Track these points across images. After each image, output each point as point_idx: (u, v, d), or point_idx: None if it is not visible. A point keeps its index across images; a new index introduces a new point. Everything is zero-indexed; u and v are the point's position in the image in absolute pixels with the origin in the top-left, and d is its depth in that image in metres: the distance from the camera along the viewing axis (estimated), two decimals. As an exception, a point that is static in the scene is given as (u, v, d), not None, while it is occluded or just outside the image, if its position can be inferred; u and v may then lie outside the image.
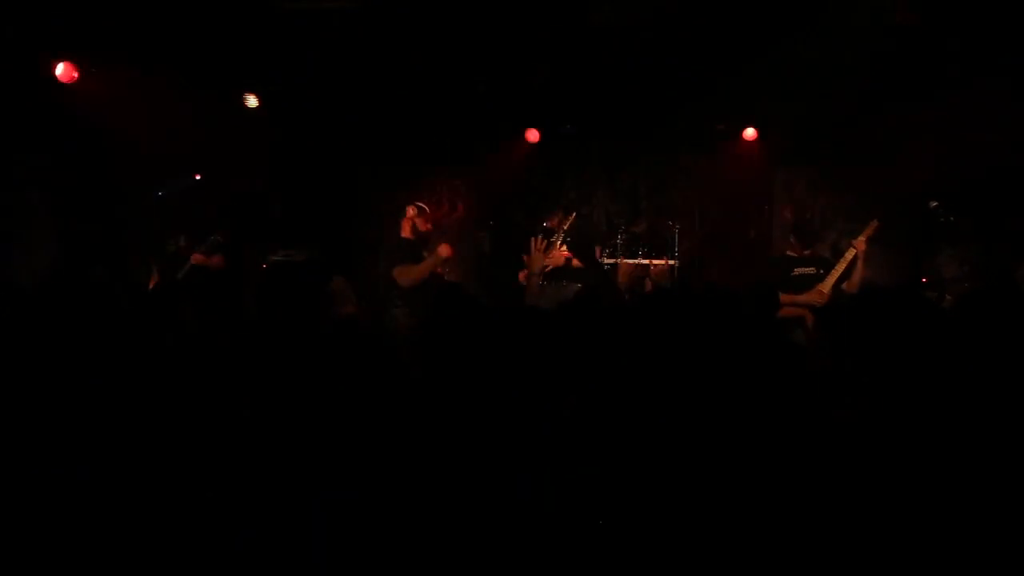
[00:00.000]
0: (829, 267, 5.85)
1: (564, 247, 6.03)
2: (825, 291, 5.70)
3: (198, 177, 7.21)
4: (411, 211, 5.71)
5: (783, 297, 5.71)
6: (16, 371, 2.28)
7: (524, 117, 8.12)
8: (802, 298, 5.63)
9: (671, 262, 7.43)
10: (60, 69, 6.35)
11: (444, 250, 5.49)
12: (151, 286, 6.05)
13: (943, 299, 6.10)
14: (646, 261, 7.79)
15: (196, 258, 6.16)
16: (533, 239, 4.65)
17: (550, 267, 5.78)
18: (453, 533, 1.82)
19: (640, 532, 1.85)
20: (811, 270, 5.91)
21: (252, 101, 7.30)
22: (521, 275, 5.78)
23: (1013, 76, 6.20)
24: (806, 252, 6.03)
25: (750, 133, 7.98)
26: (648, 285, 7.47)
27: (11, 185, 6.49)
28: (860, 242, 5.78)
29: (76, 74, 6.41)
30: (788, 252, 6.19)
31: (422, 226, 5.66)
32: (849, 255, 5.77)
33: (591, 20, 6.27)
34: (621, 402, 2.33)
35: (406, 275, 5.42)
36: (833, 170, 8.08)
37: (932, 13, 5.80)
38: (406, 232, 5.72)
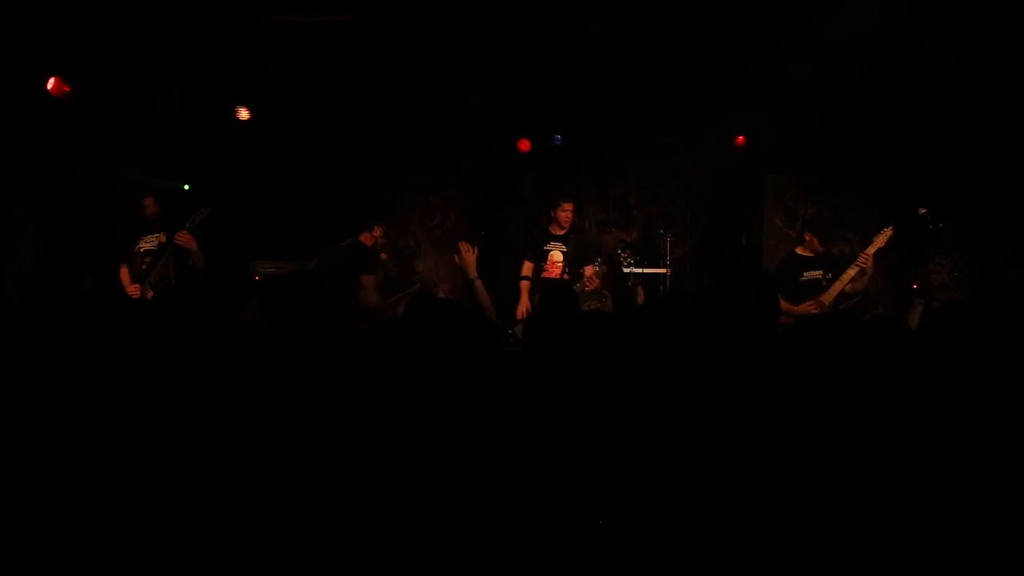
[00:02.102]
0: (837, 271, 5.57)
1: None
2: (826, 302, 5.47)
3: (187, 187, 7.22)
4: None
5: (784, 306, 5.64)
6: (5, 383, 2.28)
7: (515, 127, 8.15)
8: (799, 308, 5.47)
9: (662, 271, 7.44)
10: (51, 83, 6.37)
11: None
12: (126, 286, 5.96)
13: (932, 305, 6.12)
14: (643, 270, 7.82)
15: (182, 237, 5.91)
16: None
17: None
18: (449, 535, 1.83)
19: (639, 534, 1.86)
20: (818, 274, 5.65)
21: (244, 114, 7.31)
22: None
23: (1001, 82, 6.24)
24: (820, 250, 5.76)
25: (740, 140, 8.01)
26: (640, 293, 7.50)
27: (1, 201, 6.50)
28: (868, 256, 5.45)
29: (67, 88, 6.43)
30: (798, 250, 5.88)
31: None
32: (853, 271, 5.47)
33: (581, 30, 6.31)
34: (619, 406, 2.34)
35: None
36: (822, 177, 8.11)
37: (919, 21, 5.85)
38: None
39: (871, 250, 5.45)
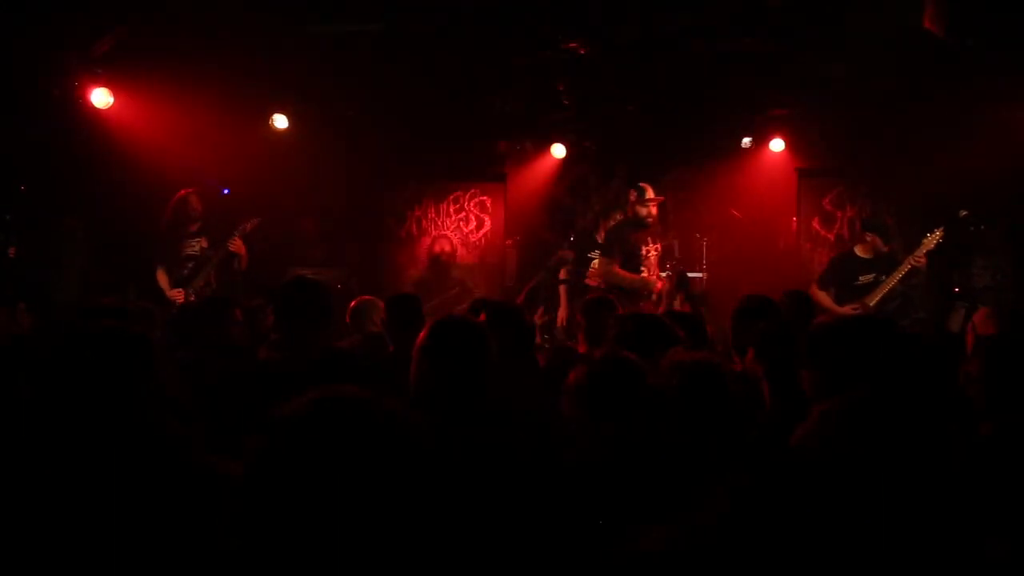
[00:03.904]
0: (888, 273, 5.62)
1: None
2: (871, 304, 5.53)
3: (227, 192, 7.32)
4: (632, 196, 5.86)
5: (828, 304, 5.68)
6: (53, 388, 2.33)
7: (550, 133, 8.15)
8: (844, 310, 5.52)
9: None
10: (96, 95, 6.50)
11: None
12: (165, 290, 6.04)
13: (975, 309, 6.00)
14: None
15: (236, 244, 6.04)
16: None
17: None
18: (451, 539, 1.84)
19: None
20: (870, 278, 5.68)
21: (281, 122, 7.40)
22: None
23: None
24: (884, 251, 5.77)
25: (777, 145, 7.92)
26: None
27: (51, 211, 6.66)
28: (921, 257, 5.53)
29: (112, 100, 6.57)
30: (857, 250, 5.90)
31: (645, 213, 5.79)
32: (904, 268, 5.53)
33: (616, 35, 6.31)
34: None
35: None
36: (860, 180, 8.00)
37: (960, 21, 5.75)
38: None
39: (922, 250, 5.52)
